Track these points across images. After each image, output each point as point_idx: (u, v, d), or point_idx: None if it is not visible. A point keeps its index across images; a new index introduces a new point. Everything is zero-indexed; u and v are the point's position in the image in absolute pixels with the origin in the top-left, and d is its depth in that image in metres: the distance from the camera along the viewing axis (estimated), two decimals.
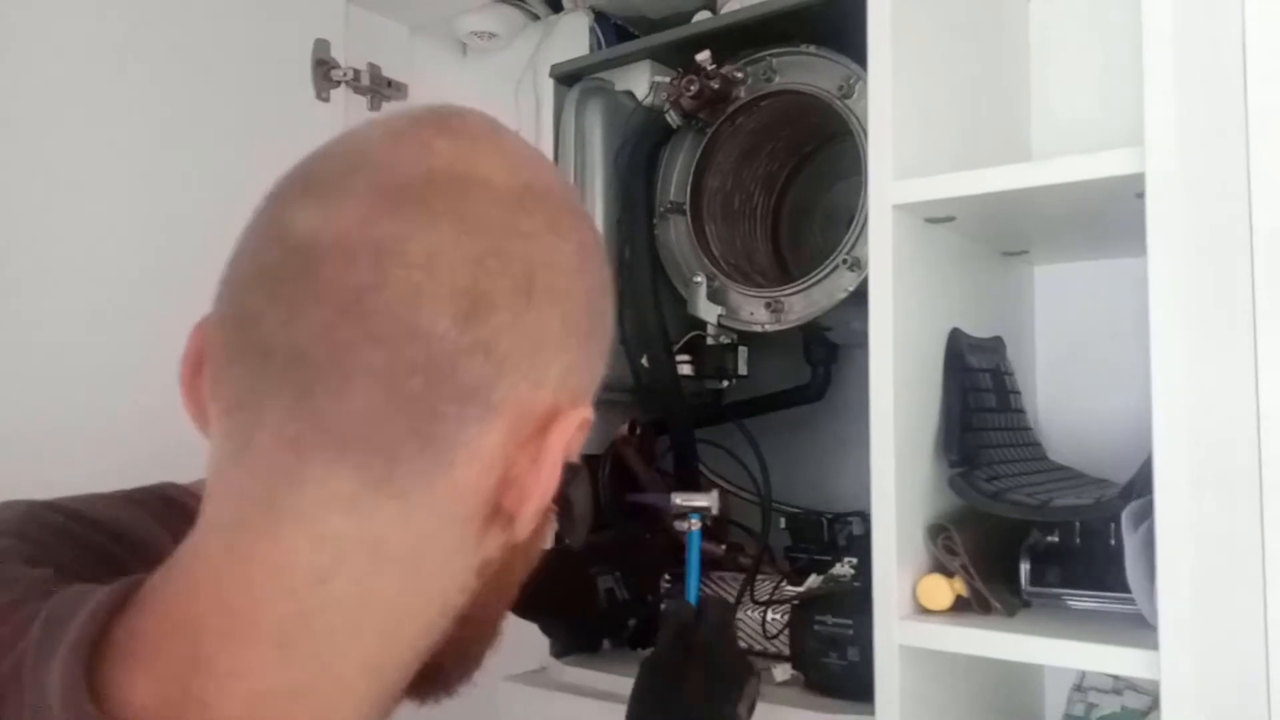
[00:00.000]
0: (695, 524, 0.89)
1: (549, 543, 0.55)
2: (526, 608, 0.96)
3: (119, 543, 0.54)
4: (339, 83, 1.19)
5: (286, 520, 0.42)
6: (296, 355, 0.42)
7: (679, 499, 0.92)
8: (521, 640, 1.16)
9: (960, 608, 0.84)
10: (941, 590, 0.84)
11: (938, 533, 0.87)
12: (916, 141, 0.88)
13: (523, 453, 0.45)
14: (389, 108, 1.26)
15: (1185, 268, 0.72)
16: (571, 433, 0.46)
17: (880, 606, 0.83)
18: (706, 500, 0.92)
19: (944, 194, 0.84)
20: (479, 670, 0.55)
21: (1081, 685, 1.06)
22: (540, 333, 0.45)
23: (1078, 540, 0.90)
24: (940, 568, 0.86)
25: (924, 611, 0.84)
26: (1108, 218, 0.88)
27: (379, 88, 1.23)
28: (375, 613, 0.44)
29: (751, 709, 0.80)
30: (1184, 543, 0.70)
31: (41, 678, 0.41)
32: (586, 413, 0.47)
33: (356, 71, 1.20)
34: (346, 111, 1.21)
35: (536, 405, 0.45)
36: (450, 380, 0.42)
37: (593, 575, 0.96)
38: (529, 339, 0.44)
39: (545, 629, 1.12)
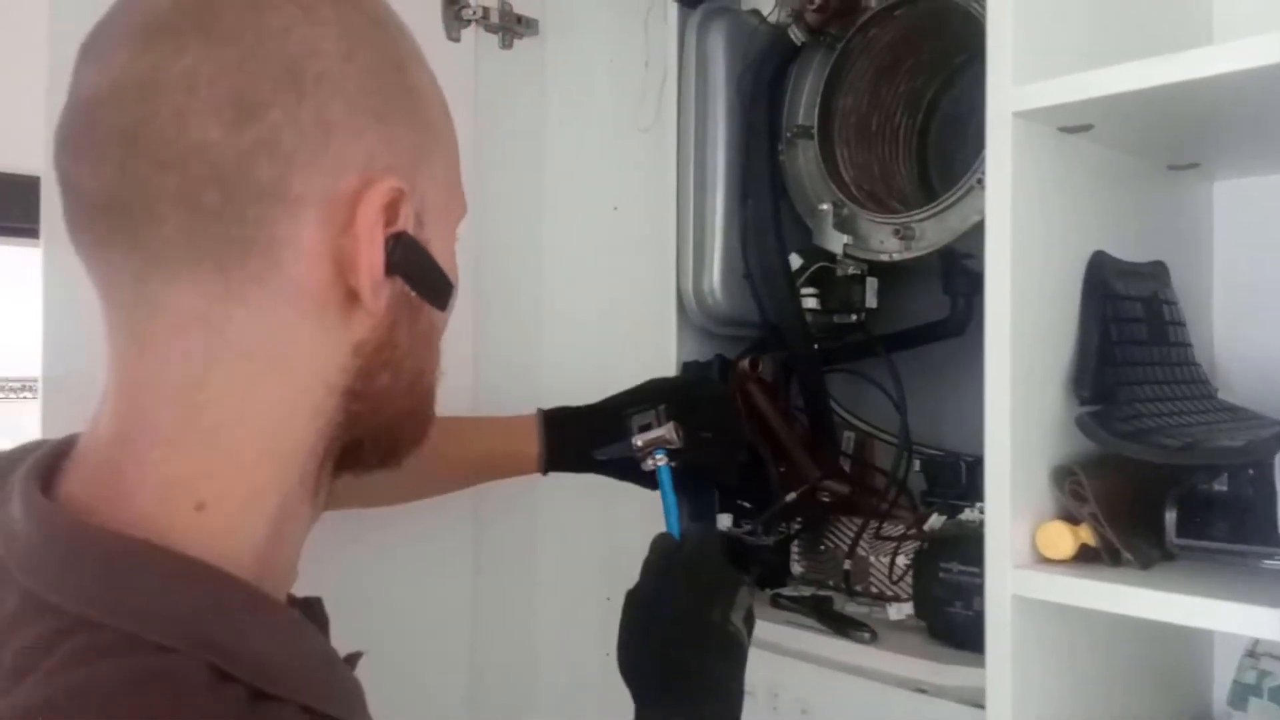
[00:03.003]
0: (661, 459, 0.85)
1: (442, 320, 0.57)
2: (555, 439, 0.91)
3: None
4: (469, 22, 1.18)
5: (147, 346, 0.48)
6: (110, 201, 0.46)
7: (639, 440, 0.86)
8: None
9: (1090, 559, 0.77)
10: (1063, 538, 0.76)
11: (1065, 477, 0.79)
12: (1047, 35, 0.77)
13: (347, 237, 0.48)
14: (520, 45, 1.25)
15: None
16: (379, 204, 0.49)
17: (993, 554, 0.76)
18: (663, 430, 0.86)
19: (1073, 97, 0.74)
20: (414, 444, 0.59)
21: (1255, 651, 0.94)
22: (324, 122, 0.47)
23: (1250, 488, 0.79)
24: (1069, 515, 0.78)
25: (1044, 561, 0.77)
26: None
27: (509, 25, 1.22)
28: (257, 403, 0.49)
29: (749, 618, 0.77)
30: None
31: (11, 491, 0.50)
32: (394, 182, 0.49)
33: (486, 9, 1.20)
34: (477, 51, 1.21)
35: (344, 191, 0.48)
36: (243, 185, 0.46)
37: (628, 414, 0.90)
38: (313, 130, 0.47)
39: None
